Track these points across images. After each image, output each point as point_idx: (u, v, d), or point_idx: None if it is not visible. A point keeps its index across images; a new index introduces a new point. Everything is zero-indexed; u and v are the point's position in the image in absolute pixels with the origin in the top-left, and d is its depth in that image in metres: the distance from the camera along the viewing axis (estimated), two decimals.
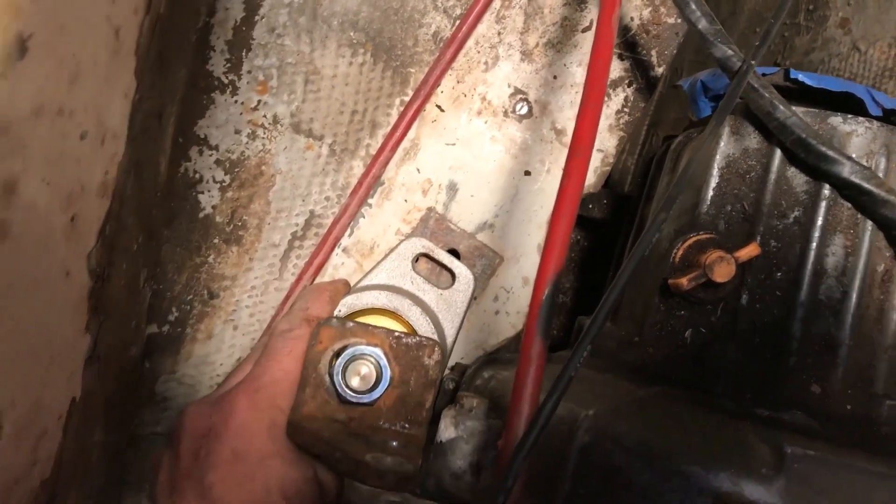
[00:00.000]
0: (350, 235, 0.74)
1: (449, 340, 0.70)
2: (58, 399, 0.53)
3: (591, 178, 0.78)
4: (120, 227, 0.56)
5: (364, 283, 0.71)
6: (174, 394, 0.72)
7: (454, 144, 0.75)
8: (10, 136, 0.39)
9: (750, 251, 0.55)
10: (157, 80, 0.57)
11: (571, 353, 0.44)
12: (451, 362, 0.73)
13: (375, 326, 0.60)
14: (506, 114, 0.75)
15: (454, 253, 0.75)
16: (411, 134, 0.74)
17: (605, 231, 0.85)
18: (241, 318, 0.73)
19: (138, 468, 0.72)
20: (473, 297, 0.73)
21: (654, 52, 0.76)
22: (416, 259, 0.72)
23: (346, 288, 0.70)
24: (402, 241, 0.72)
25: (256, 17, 0.69)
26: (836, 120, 0.58)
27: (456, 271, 0.71)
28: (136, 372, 0.69)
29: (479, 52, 0.75)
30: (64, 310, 0.51)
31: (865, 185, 0.54)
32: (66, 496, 0.57)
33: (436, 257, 0.72)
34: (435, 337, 0.66)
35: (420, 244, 0.72)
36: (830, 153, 0.54)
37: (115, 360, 0.61)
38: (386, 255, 0.72)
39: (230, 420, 0.57)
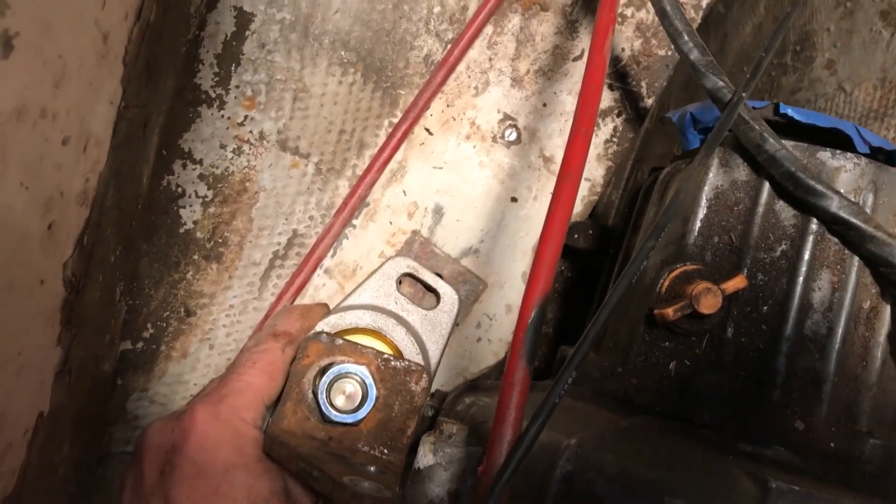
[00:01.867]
0: (333, 256, 0.73)
1: (433, 362, 0.69)
2: (24, 412, 0.51)
3: (578, 207, 0.78)
4: (98, 237, 0.55)
5: (347, 302, 0.70)
6: (146, 412, 0.70)
7: (441, 168, 0.74)
8: None
9: (737, 283, 0.55)
10: (143, 89, 0.56)
11: (556, 379, 0.43)
12: (432, 387, 0.72)
13: (365, 346, 0.59)
14: (494, 139, 0.75)
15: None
16: (399, 156, 0.74)
17: (589, 262, 0.84)
18: (217, 338, 0.71)
19: (107, 488, 0.70)
20: (456, 323, 0.72)
21: (643, 84, 0.77)
22: (401, 280, 0.72)
23: (323, 310, 0.69)
24: (386, 260, 0.71)
25: (247, 33, 0.68)
26: (824, 155, 0.58)
27: (441, 291, 0.71)
28: (107, 388, 0.67)
29: (469, 77, 0.74)
30: (36, 319, 0.49)
31: (853, 220, 0.54)
32: None
33: (421, 277, 0.71)
34: (420, 359, 0.65)
35: (405, 264, 0.71)
36: (819, 187, 0.54)
37: (86, 375, 0.60)
38: (370, 275, 0.71)
39: (191, 433, 0.56)
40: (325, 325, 0.66)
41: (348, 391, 0.57)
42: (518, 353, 0.44)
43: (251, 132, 0.70)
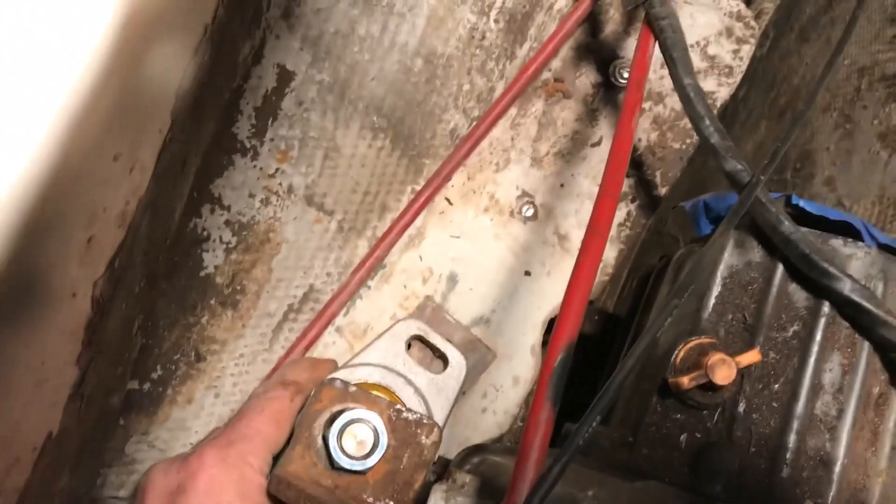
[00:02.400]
0: (345, 315, 0.74)
1: (439, 421, 0.68)
2: (36, 428, 0.50)
3: None
4: (128, 263, 0.56)
5: (356, 360, 0.70)
6: (143, 457, 0.69)
7: (459, 237, 0.76)
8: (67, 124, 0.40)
9: (751, 357, 0.56)
10: (188, 125, 0.58)
11: (581, 421, 0.43)
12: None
13: (378, 395, 0.59)
14: (512, 214, 0.77)
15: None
16: (418, 222, 0.75)
17: (592, 348, 0.85)
18: (224, 386, 0.71)
19: None
20: (463, 391, 0.73)
21: (658, 173, 0.80)
22: (410, 343, 0.72)
23: (331, 365, 0.69)
24: (397, 321, 0.72)
25: (287, 89, 0.71)
26: (836, 242, 0.60)
27: (449, 355, 0.71)
28: (112, 424, 0.66)
29: (491, 154, 0.77)
30: (63, 333, 0.50)
31: (865, 303, 0.56)
32: None
33: (430, 340, 0.71)
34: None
35: (415, 326, 0.72)
36: (833, 270, 0.56)
37: (96, 404, 0.59)
38: (380, 335, 0.71)
39: (198, 476, 0.55)
40: (336, 378, 0.66)
41: (360, 437, 0.57)
42: (543, 393, 0.44)
43: (280, 185, 0.72)
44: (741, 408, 0.57)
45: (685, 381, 0.55)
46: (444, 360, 0.72)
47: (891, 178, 0.93)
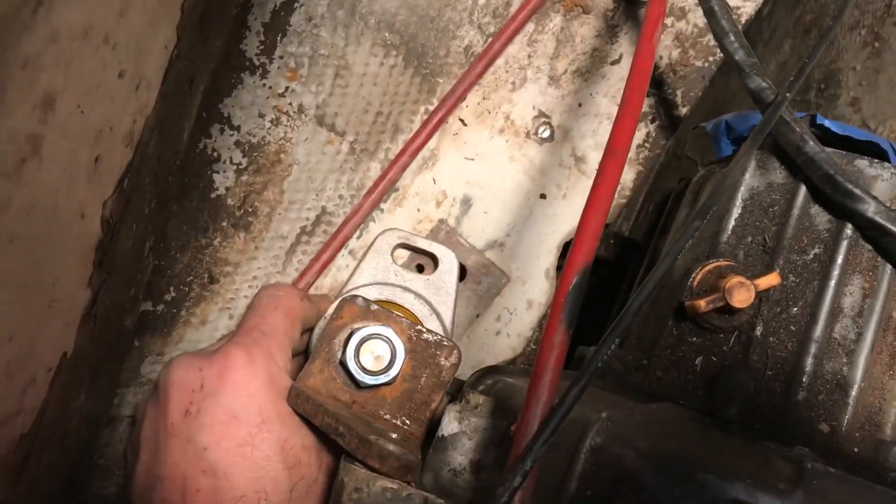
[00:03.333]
0: (358, 238, 0.73)
1: (447, 322, 0.68)
2: (51, 348, 0.50)
3: None
4: (137, 184, 0.55)
5: (348, 287, 0.69)
6: None
7: (473, 160, 0.75)
8: (58, 46, 0.39)
9: (770, 280, 0.55)
10: (195, 42, 0.56)
11: (598, 346, 0.43)
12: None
13: (399, 315, 0.59)
14: (527, 135, 0.75)
15: (461, 267, 0.74)
16: (432, 144, 0.74)
17: (607, 272, 0.84)
18: (237, 308, 0.71)
19: (112, 453, 0.69)
20: (462, 280, 0.72)
21: (679, 92, 0.77)
22: (394, 251, 0.71)
23: (326, 302, 0.69)
24: (376, 236, 0.71)
25: (296, 4, 0.69)
26: (862, 163, 0.58)
27: (437, 253, 0.70)
28: (126, 345, 0.66)
29: (507, 72, 0.75)
30: (73, 253, 0.49)
31: (889, 226, 0.54)
32: (41, 458, 0.54)
33: (414, 244, 0.71)
34: (435, 320, 0.66)
35: (395, 235, 0.71)
36: (857, 191, 0.55)
37: (109, 326, 0.59)
38: (363, 255, 0.71)
39: (226, 376, 0.54)
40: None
41: (377, 353, 0.57)
42: (558, 316, 0.44)
43: (290, 104, 0.70)
44: (758, 331, 0.56)
45: (702, 304, 0.55)
46: (432, 256, 0.71)
47: None
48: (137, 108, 0.51)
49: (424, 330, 0.59)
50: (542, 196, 0.75)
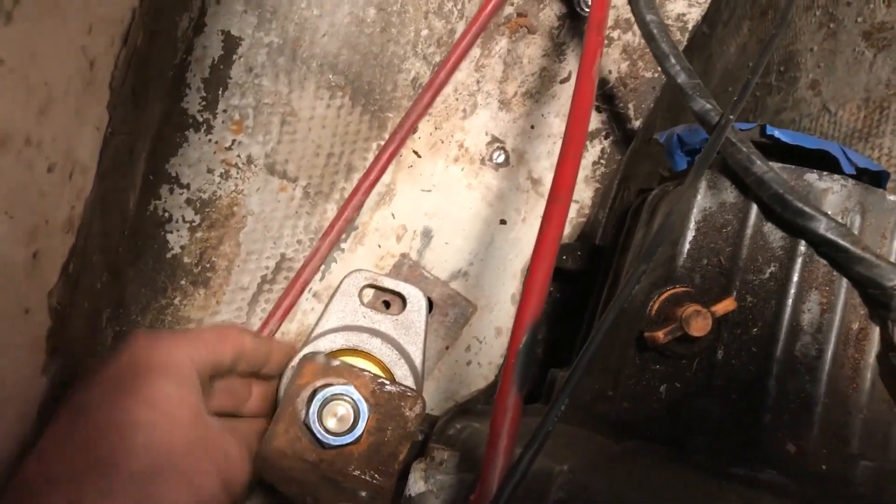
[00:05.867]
0: (321, 280, 0.73)
1: (416, 362, 0.68)
2: (5, 451, 0.50)
3: (567, 229, 0.78)
4: (84, 264, 0.54)
5: (316, 331, 0.69)
6: None
7: (430, 191, 0.74)
8: None
9: (726, 305, 0.55)
10: (130, 114, 0.55)
11: (549, 408, 0.42)
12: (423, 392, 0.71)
13: (361, 368, 0.59)
14: (482, 162, 0.75)
15: (427, 301, 0.74)
16: (387, 179, 0.73)
17: (578, 283, 0.84)
18: None
19: None
20: (446, 347, 0.72)
21: (631, 106, 0.77)
22: (361, 292, 0.71)
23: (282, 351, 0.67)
24: (343, 278, 0.71)
25: (235, 56, 0.68)
26: (811, 177, 0.58)
27: (404, 293, 0.70)
28: None
29: (457, 100, 0.75)
30: (20, 349, 0.49)
31: (841, 242, 0.54)
32: None
33: (381, 284, 0.71)
34: (403, 365, 0.65)
35: (361, 276, 0.71)
36: (807, 209, 0.55)
37: None
38: (330, 298, 0.70)
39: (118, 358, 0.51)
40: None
41: (339, 413, 0.57)
42: (509, 379, 0.44)
43: (239, 156, 0.70)
44: (720, 355, 0.56)
45: (660, 335, 0.55)
46: (400, 296, 0.71)
47: (876, 79, 0.90)
48: (73, 194, 0.50)
49: (387, 382, 0.59)
50: (503, 222, 0.75)
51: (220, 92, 0.68)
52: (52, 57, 0.43)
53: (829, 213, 0.55)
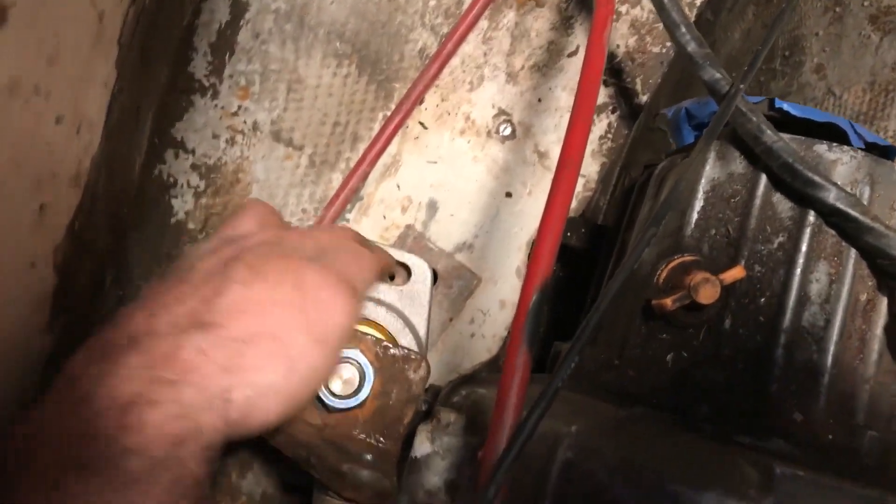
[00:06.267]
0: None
1: (421, 332, 0.68)
2: (9, 404, 0.50)
3: (573, 203, 0.77)
4: (89, 223, 0.54)
5: None
6: None
7: (436, 163, 0.74)
8: None
9: (735, 273, 0.54)
10: (137, 74, 0.55)
11: (558, 364, 0.42)
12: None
13: (364, 332, 0.59)
14: (489, 134, 0.75)
15: (431, 272, 0.73)
16: (393, 150, 0.73)
17: (580, 262, 0.84)
18: None
19: None
20: (434, 285, 0.71)
21: (638, 80, 0.77)
22: None
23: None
24: None
25: (242, 22, 0.68)
26: (821, 148, 0.58)
27: (410, 263, 0.69)
28: None
29: (464, 72, 0.74)
30: (26, 304, 0.48)
31: (851, 211, 0.54)
32: None
33: (367, 239, 0.70)
34: (408, 334, 0.65)
35: None
36: (817, 178, 0.54)
37: None
38: None
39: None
40: None
41: (345, 376, 0.56)
42: (519, 337, 0.43)
43: (245, 122, 0.69)
44: (727, 324, 0.56)
45: (668, 302, 0.54)
46: (405, 266, 0.71)
47: (882, 62, 0.90)
48: (81, 149, 0.50)
49: (391, 345, 0.58)
50: (508, 194, 0.75)
51: (226, 57, 0.68)
52: (63, 6, 0.43)
53: (839, 183, 0.55)
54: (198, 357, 0.41)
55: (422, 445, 0.51)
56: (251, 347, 0.44)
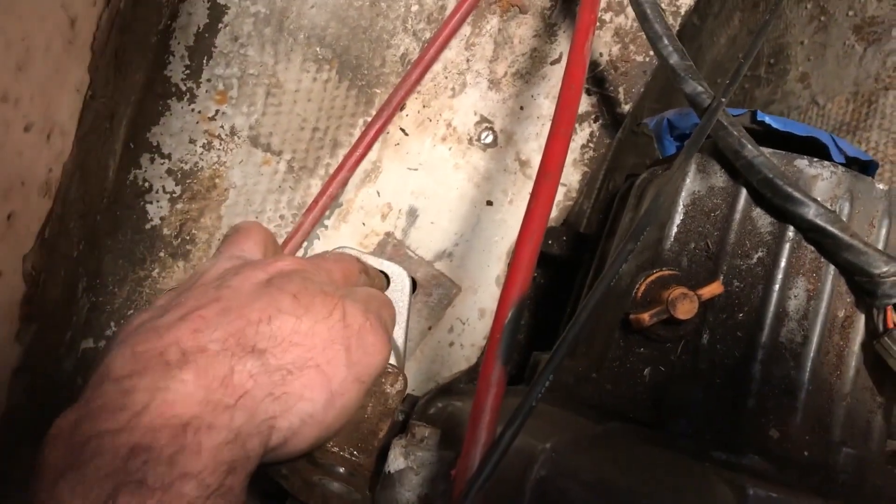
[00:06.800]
0: (304, 257, 0.72)
1: (399, 341, 0.67)
2: None
3: (554, 212, 0.77)
4: (61, 230, 0.53)
5: None
6: None
7: (417, 169, 0.73)
8: None
9: (713, 289, 0.54)
10: (111, 79, 0.54)
11: (533, 382, 0.42)
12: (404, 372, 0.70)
13: None
14: (470, 141, 0.74)
15: (410, 281, 0.73)
16: (373, 156, 0.72)
17: (562, 269, 0.84)
18: None
19: None
20: (429, 327, 0.71)
21: (621, 89, 0.76)
22: None
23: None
24: None
25: (220, 25, 0.67)
26: (802, 163, 0.58)
27: (388, 271, 0.69)
28: (67, 389, 0.64)
29: (446, 78, 0.74)
30: None
31: (830, 228, 0.54)
32: None
33: (364, 263, 0.69)
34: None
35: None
36: (796, 194, 0.54)
37: (46, 374, 0.57)
38: None
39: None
40: None
41: None
42: (494, 353, 0.43)
43: (222, 127, 0.68)
44: (705, 340, 0.56)
45: (646, 317, 0.54)
46: (384, 274, 0.70)
47: (865, 73, 0.90)
48: (52, 156, 0.49)
49: None
50: (489, 203, 0.74)
51: (204, 60, 0.67)
52: (32, 11, 0.42)
53: (819, 199, 0.55)
54: (249, 381, 0.42)
55: (396, 461, 0.51)
56: (297, 377, 0.44)
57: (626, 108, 0.77)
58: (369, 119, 0.72)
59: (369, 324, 0.49)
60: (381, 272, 0.69)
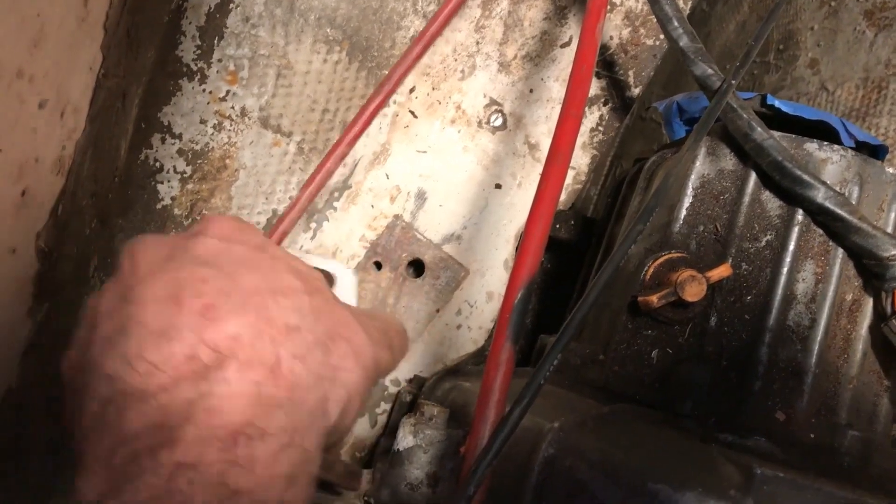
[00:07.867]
0: (313, 239, 0.72)
1: None
2: None
3: (562, 196, 0.77)
4: (73, 208, 0.53)
5: None
6: None
7: (426, 152, 0.73)
8: None
9: (721, 272, 0.54)
10: (123, 58, 0.54)
11: (542, 359, 0.42)
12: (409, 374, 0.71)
13: None
14: (480, 124, 0.74)
15: (419, 263, 0.73)
16: (382, 138, 0.72)
17: (569, 254, 0.84)
18: None
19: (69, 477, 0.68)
20: (422, 276, 0.69)
21: (631, 73, 0.76)
22: None
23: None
24: None
25: (231, 5, 0.67)
26: (811, 146, 0.58)
27: (331, 270, 0.64)
28: None
29: (456, 60, 0.74)
30: (5, 290, 0.48)
31: (839, 211, 0.54)
32: None
33: (309, 263, 0.68)
34: None
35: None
36: (806, 177, 0.54)
37: (57, 353, 0.58)
38: None
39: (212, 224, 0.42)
40: None
41: None
42: (503, 333, 0.43)
43: (233, 108, 0.68)
44: (713, 322, 0.56)
45: (654, 299, 0.54)
46: (327, 274, 0.68)
47: (876, 58, 0.89)
48: (65, 134, 0.49)
49: None
50: (498, 186, 0.74)
51: (215, 41, 0.67)
52: None
53: (828, 182, 0.55)
54: (297, 366, 0.36)
55: (405, 439, 0.51)
56: (333, 350, 0.40)
57: (636, 91, 0.77)
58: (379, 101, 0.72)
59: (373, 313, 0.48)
60: (324, 271, 0.66)
